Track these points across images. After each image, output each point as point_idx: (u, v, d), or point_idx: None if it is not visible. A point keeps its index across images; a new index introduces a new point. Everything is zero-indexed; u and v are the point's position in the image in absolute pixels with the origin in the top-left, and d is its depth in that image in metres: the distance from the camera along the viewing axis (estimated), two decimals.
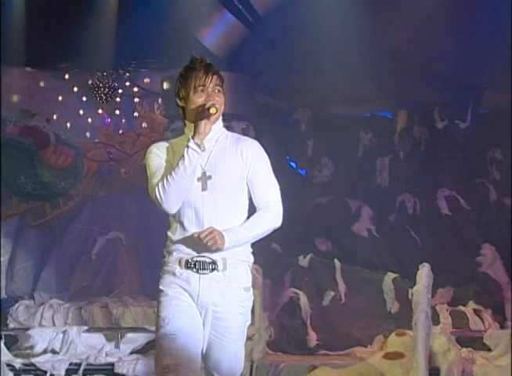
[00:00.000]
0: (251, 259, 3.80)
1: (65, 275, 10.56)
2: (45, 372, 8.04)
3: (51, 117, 10.85)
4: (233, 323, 3.72)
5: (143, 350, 8.34)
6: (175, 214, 3.72)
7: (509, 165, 10.15)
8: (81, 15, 10.10)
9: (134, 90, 10.91)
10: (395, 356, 7.57)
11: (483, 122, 10.78)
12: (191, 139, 3.67)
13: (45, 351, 8.48)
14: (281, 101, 11.29)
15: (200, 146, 3.66)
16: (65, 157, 10.88)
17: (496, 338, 8.12)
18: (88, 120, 10.88)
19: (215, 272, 3.66)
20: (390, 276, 9.53)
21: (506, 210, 10.22)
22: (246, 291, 3.75)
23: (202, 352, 3.72)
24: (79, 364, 8.10)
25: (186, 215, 3.70)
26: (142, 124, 10.84)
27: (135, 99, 10.90)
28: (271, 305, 9.27)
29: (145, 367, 7.87)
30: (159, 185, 3.67)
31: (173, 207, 3.68)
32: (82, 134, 10.91)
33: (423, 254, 9.28)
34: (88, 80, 10.81)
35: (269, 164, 3.82)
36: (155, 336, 3.74)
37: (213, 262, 3.66)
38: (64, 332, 8.58)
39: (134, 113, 10.86)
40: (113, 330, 8.89)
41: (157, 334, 3.70)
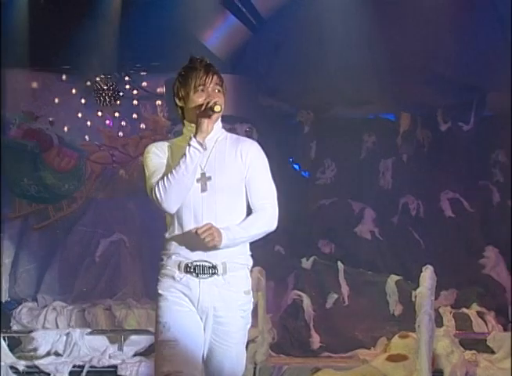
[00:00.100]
0: (250, 262, 3.74)
1: (68, 277, 10.56)
2: (49, 374, 8.05)
3: (54, 120, 10.86)
4: (234, 327, 3.67)
5: (146, 352, 8.34)
6: (173, 215, 3.66)
7: (509, 167, 10.16)
8: (85, 17, 10.12)
9: (137, 92, 10.91)
10: (399, 359, 7.56)
11: (486, 124, 10.77)
12: (193, 138, 3.60)
13: (49, 353, 8.49)
14: (284, 103, 11.29)
15: (202, 145, 3.60)
16: (68, 160, 10.89)
17: (500, 341, 8.10)
18: (92, 122, 10.88)
19: (215, 276, 3.61)
20: (393, 278, 9.51)
21: (509, 212, 10.21)
22: (246, 295, 3.70)
23: (203, 357, 3.67)
24: (82, 366, 8.11)
25: (185, 217, 3.63)
26: (145, 126, 10.84)
27: (139, 102, 10.89)
28: (274, 308, 9.26)
29: (148, 370, 7.87)
30: (159, 184, 3.60)
31: (173, 206, 3.61)
32: (85, 136, 10.92)
33: (426, 256, 9.27)
34: (92, 82, 10.81)
35: (268, 167, 3.75)
36: (155, 342, 3.68)
37: (213, 267, 3.60)
38: (67, 334, 8.58)
39: (137, 115, 10.85)
40: (116, 332, 8.89)
41: (157, 340, 3.64)
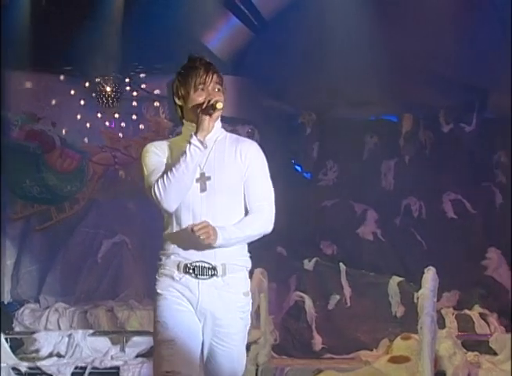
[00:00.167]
0: (249, 264, 3.71)
1: (70, 279, 10.56)
2: (51, 375, 8.06)
3: (56, 121, 10.86)
4: (234, 328, 3.64)
5: (148, 354, 8.33)
6: (172, 215, 3.63)
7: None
8: (87, 19, 10.12)
9: (139, 94, 10.90)
10: (401, 360, 7.56)
11: (489, 125, 10.77)
12: (193, 136, 3.56)
13: (51, 354, 8.49)
14: (286, 104, 11.30)
15: (203, 144, 3.56)
16: (70, 161, 10.89)
17: (502, 342, 8.10)
18: (94, 124, 10.88)
19: (214, 277, 3.58)
20: (395, 279, 9.51)
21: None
22: (245, 296, 3.67)
23: (202, 359, 3.65)
24: (84, 368, 8.11)
25: (183, 217, 3.60)
26: (147, 127, 10.84)
27: (141, 103, 10.89)
28: (276, 309, 9.27)
29: (150, 371, 7.85)
30: (158, 182, 3.57)
31: (173, 205, 3.58)
32: (88, 138, 10.92)
33: (428, 257, 9.26)
34: (93, 84, 10.81)
35: (267, 168, 3.71)
36: (153, 341, 3.64)
37: (212, 268, 3.58)
38: (70, 336, 8.59)
39: (139, 117, 10.85)
40: (118, 333, 8.89)
41: (156, 340, 3.60)
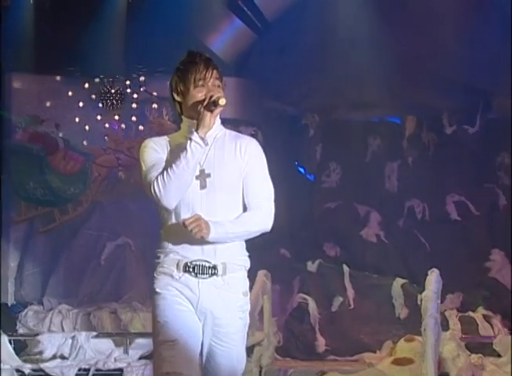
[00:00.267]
0: (248, 264, 3.68)
1: (74, 281, 10.56)
2: None
3: (60, 123, 10.87)
4: (234, 328, 3.62)
5: (152, 356, 8.31)
6: (171, 212, 3.60)
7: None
8: (91, 21, 10.13)
9: (142, 96, 10.91)
10: (404, 362, 7.55)
11: (492, 127, 10.75)
12: (194, 132, 3.51)
13: (54, 356, 8.50)
14: (289, 106, 11.29)
15: (204, 140, 3.52)
16: (74, 163, 10.90)
17: (506, 344, 8.08)
18: (97, 126, 10.89)
19: (214, 277, 3.56)
20: (399, 281, 9.50)
21: None
22: (244, 296, 3.65)
23: (202, 360, 3.63)
24: (88, 370, 8.11)
25: (183, 214, 3.55)
26: (151, 129, 10.83)
27: (144, 105, 10.89)
28: (279, 311, 9.26)
29: None
30: (158, 179, 3.53)
31: (172, 202, 3.54)
32: (91, 140, 10.92)
33: (432, 259, 9.25)
34: (97, 86, 10.82)
35: (266, 165, 3.68)
36: (153, 342, 3.63)
37: (213, 267, 3.55)
38: (73, 337, 8.59)
39: (142, 118, 10.85)
40: (121, 335, 8.89)
41: (156, 341, 3.59)
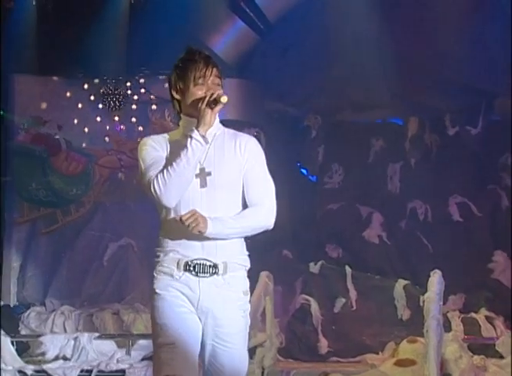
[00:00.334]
0: (248, 264, 3.66)
1: (76, 282, 10.57)
2: None
3: (62, 125, 10.87)
4: (235, 328, 3.59)
5: None
6: (170, 211, 3.56)
7: None
8: (93, 22, 10.14)
9: (145, 97, 10.91)
10: (407, 364, 7.55)
11: (494, 128, 10.74)
12: (195, 130, 3.48)
13: (57, 357, 8.50)
14: (292, 107, 11.29)
15: (205, 138, 3.49)
16: (76, 164, 10.91)
17: (508, 346, 8.09)
18: (100, 127, 10.90)
19: (215, 276, 3.53)
20: (401, 282, 9.50)
21: None
22: (245, 295, 3.62)
23: (204, 361, 3.60)
24: (90, 371, 8.12)
25: (183, 213, 3.49)
26: (153, 130, 10.82)
27: (146, 106, 10.89)
28: (282, 312, 9.26)
29: None
30: (158, 177, 3.49)
31: (173, 200, 3.51)
32: (93, 141, 10.93)
33: (434, 260, 9.25)
34: (100, 87, 10.83)
35: (265, 162, 3.66)
36: (153, 344, 3.58)
37: (214, 266, 3.53)
38: (75, 339, 8.59)
39: (145, 120, 10.85)
40: (124, 336, 8.90)
41: (156, 343, 3.54)
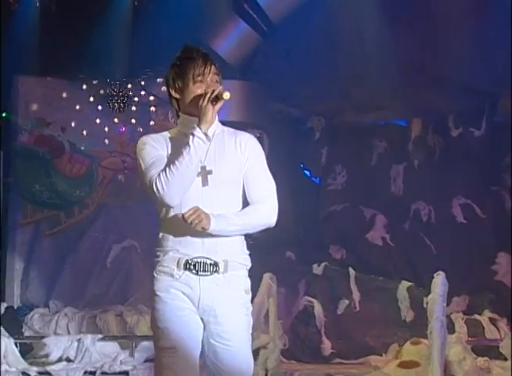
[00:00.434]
0: (249, 263, 3.63)
1: (80, 283, 10.57)
2: None
3: (66, 126, 10.88)
4: (237, 327, 3.55)
5: None
6: (171, 210, 3.54)
7: None
8: (96, 24, 10.15)
9: (147, 99, 10.92)
10: (410, 365, 7.54)
11: (498, 130, 10.72)
12: (197, 128, 3.45)
13: (60, 359, 8.50)
14: (295, 109, 11.29)
15: (207, 136, 3.47)
16: (80, 166, 10.92)
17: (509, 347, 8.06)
18: (102, 129, 10.90)
19: (215, 274, 3.51)
20: (404, 284, 9.49)
21: None
22: (246, 294, 3.59)
23: (205, 362, 3.57)
24: (94, 372, 8.12)
25: (184, 212, 3.45)
26: (156, 132, 10.82)
27: (149, 108, 10.90)
28: (285, 314, 9.25)
29: None
30: (160, 176, 3.45)
31: (175, 199, 3.47)
32: (97, 143, 10.94)
33: (437, 262, 9.23)
34: (103, 89, 10.83)
35: (265, 160, 3.65)
36: (154, 348, 3.56)
37: (214, 264, 3.50)
38: (79, 340, 8.60)
39: (148, 121, 10.86)
40: (127, 338, 8.90)
41: (157, 347, 3.52)
